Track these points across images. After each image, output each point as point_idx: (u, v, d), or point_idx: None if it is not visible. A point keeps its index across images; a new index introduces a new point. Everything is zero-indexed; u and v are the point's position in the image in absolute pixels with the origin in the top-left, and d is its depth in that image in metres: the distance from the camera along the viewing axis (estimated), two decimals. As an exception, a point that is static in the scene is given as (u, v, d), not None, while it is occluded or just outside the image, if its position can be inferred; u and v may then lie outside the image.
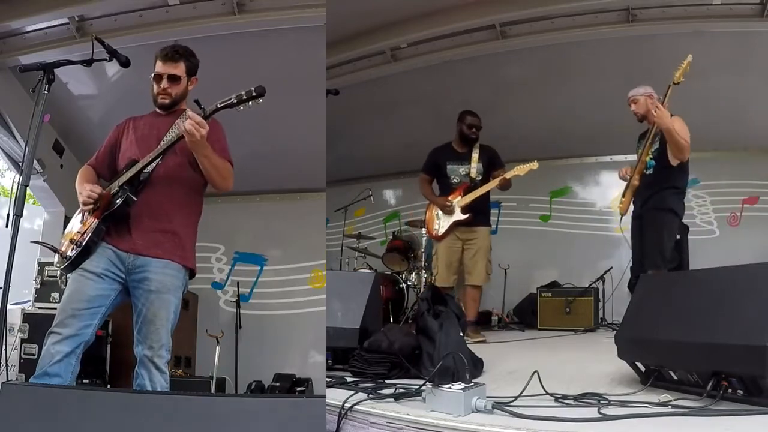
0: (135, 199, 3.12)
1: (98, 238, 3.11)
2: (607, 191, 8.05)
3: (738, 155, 7.36)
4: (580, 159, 8.28)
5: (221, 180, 3.21)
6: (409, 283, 7.08)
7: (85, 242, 3.09)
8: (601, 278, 7.09)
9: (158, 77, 3.27)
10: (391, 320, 6.70)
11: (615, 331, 3.42)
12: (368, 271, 7.11)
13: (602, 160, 8.08)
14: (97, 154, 3.39)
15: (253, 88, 2.97)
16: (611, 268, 7.07)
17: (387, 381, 3.20)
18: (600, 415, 2.35)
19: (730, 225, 7.42)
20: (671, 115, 4.43)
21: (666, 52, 5.98)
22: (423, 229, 6.37)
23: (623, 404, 2.53)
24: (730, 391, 2.41)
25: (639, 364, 2.98)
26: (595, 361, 4.06)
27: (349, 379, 3.29)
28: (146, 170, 3.15)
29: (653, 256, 4.72)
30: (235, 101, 2.99)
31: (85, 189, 3.18)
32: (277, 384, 6.00)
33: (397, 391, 2.90)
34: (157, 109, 3.34)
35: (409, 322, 6.43)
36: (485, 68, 6.77)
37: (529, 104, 7.20)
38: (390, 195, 9.49)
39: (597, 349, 4.93)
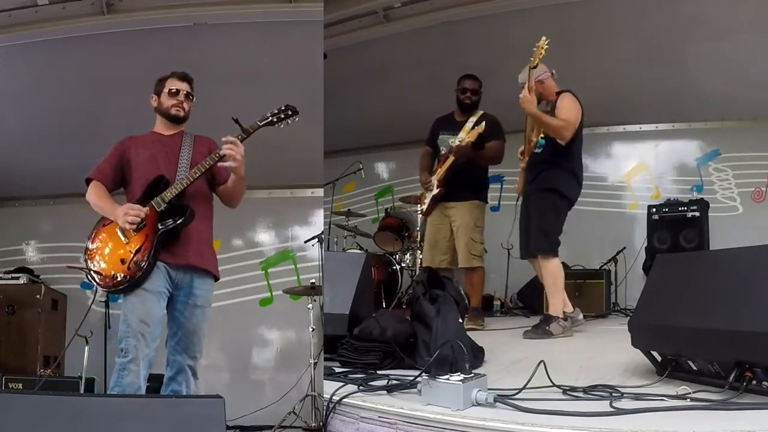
0: (194, 213, 3.49)
1: (157, 256, 3.40)
2: (620, 164, 8.05)
3: (763, 125, 7.31)
4: (591, 129, 8.04)
5: (239, 199, 3.72)
6: (403, 265, 7.08)
7: (147, 263, 3.36)
8: (614, 259, 7.11)
9: (176, 92, 3.69)
10: (384, 305, 6.70)
11: (628, 317, 3.42)
12: (358, 251, 7.11)
13: (614, 130, 8.04)
14: (102, 171, 3.62)
15: (285, 106, 3.55)
16: (624, 248, 7.10)
17: (379, 372, 3.19)
18: (612, 409, 2.33)
19: (755, 201, 7.40)
20: (562, 91, 4.97)
21: (686, 12, 5.94)
22: (418, 205, 6.35)
23: (637, 397, 2.52)
24: (754, 382, 2.39)
25: (655, 353, 2.97)
26: (606, 350, 4.07)
27: (338, 370, 3.29)
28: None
29: (538, 240, 5.00)
30: (274, 120, 3.54)
31: (128, 208, 3.41)
32: (147, 384, 6.18)
33: (390, 382, 2.90)
34: (168, 123, 3.72)
35: (404, 307, 6.44)
36: (487, 30, 6.70)
37: (535, 69, 7.15)
38: (382, 168, 9.44)
39: (609, 337, 4.94)
